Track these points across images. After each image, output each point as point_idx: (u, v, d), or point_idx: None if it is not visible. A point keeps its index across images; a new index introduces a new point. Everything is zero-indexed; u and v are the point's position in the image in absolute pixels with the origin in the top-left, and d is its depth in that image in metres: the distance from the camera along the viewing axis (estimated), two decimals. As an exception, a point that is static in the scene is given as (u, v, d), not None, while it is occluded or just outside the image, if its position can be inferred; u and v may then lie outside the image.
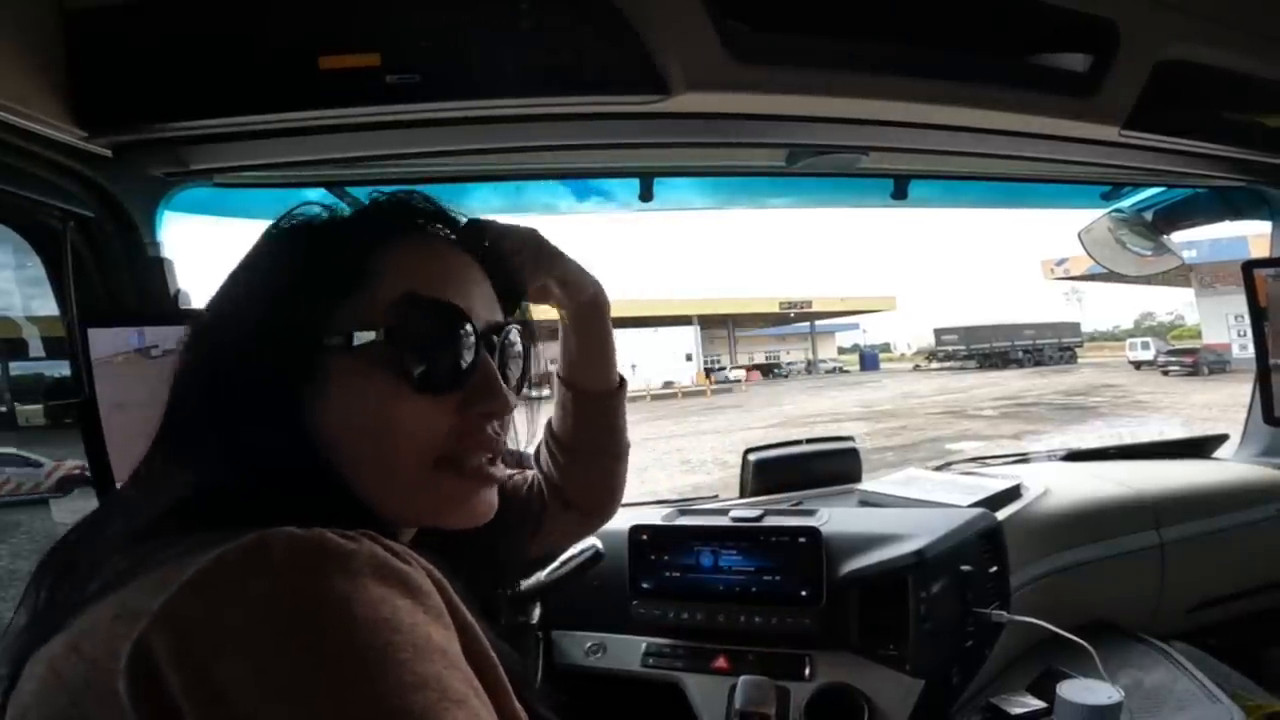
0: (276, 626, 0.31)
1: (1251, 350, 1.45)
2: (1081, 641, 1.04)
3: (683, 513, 1.35)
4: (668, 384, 28.92)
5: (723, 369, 35.87)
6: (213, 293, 0.51)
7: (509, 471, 0.69)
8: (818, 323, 45.01)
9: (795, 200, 1.50)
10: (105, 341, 0.98)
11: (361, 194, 1.25)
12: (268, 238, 0.51)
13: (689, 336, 31.93)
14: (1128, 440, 2.04)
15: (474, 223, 0.58)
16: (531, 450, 0.78)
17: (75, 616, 0.36)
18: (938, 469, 1.68)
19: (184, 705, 0.29)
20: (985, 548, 1.17)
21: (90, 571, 0.39)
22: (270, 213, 1.28)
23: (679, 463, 10.34)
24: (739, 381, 32.97)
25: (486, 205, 1.35)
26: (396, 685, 0.30)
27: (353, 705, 0.29)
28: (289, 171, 1.14)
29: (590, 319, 0.73)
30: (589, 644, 1.25)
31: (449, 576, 0.39)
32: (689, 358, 31.80)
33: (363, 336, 0.45)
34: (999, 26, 1.01)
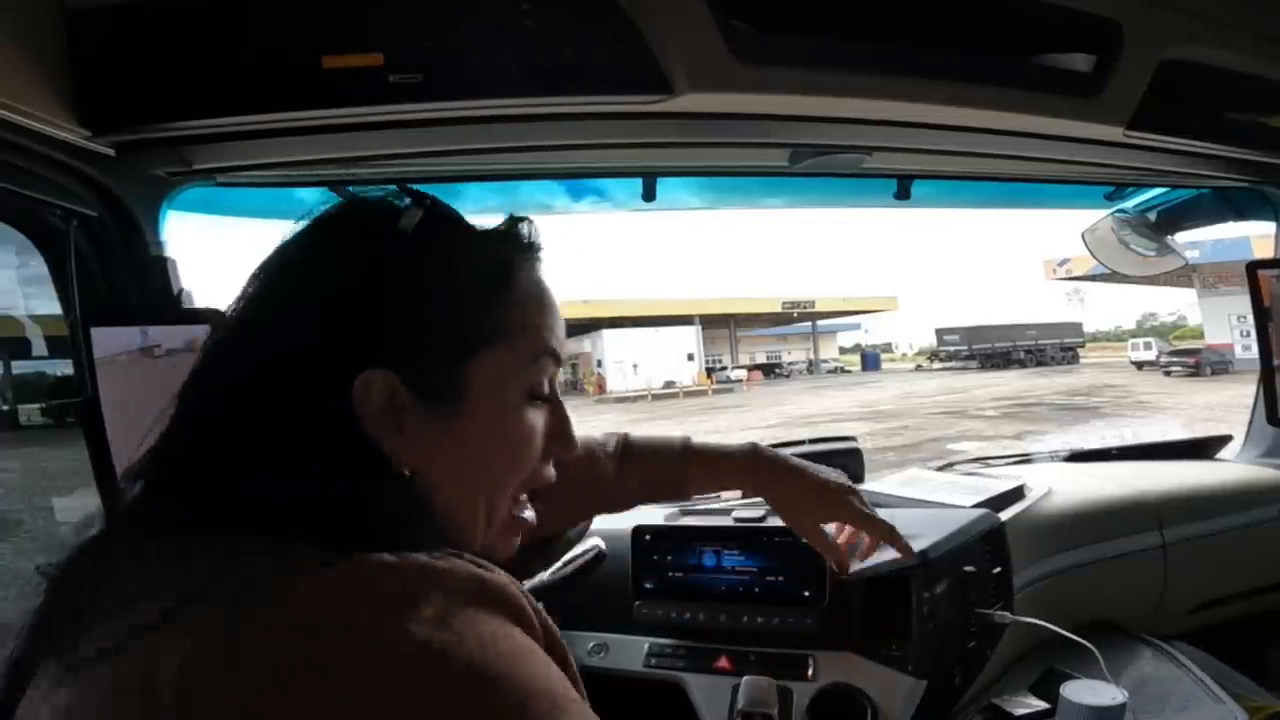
0: (404, 665, 0.31)
1: (1253, 351, 1.44)
2: (1084, 642, 1.04)
3: (685, 512, 1.35)
4: (669, 384, 28.94)
5: (724, 369, 35.88)
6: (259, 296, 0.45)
7: None
8: (819, 323, 45.00)
9: (797, 200, 1.50)
10: (108, 341, 0.98)
11: (365, 193, 1.26)
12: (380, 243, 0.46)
13: (690, 336, 31.94)
14: (1130, 441, 2.04)
15: None
16: None
17: (122, 636, 0.34)
18: (940, 469, 1.67)
19: None
20: (988, 548, 1.17)
21: (125, 584, 0.36)
22: (273, 212, 1.29)
23: (680, 462, 10.29)
24: (740, 381, 32.96)
25: (482, 204, 1.34)
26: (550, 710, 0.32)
27: None
28: (292, 171, 1.14)
29: None
30: (591, 644, 1.25)
31: None
32: (690, 357, 31.81)
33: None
34: (1002, 27, 1.01)
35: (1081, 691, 0.90)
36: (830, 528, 0.87)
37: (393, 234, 0.45)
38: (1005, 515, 1.25)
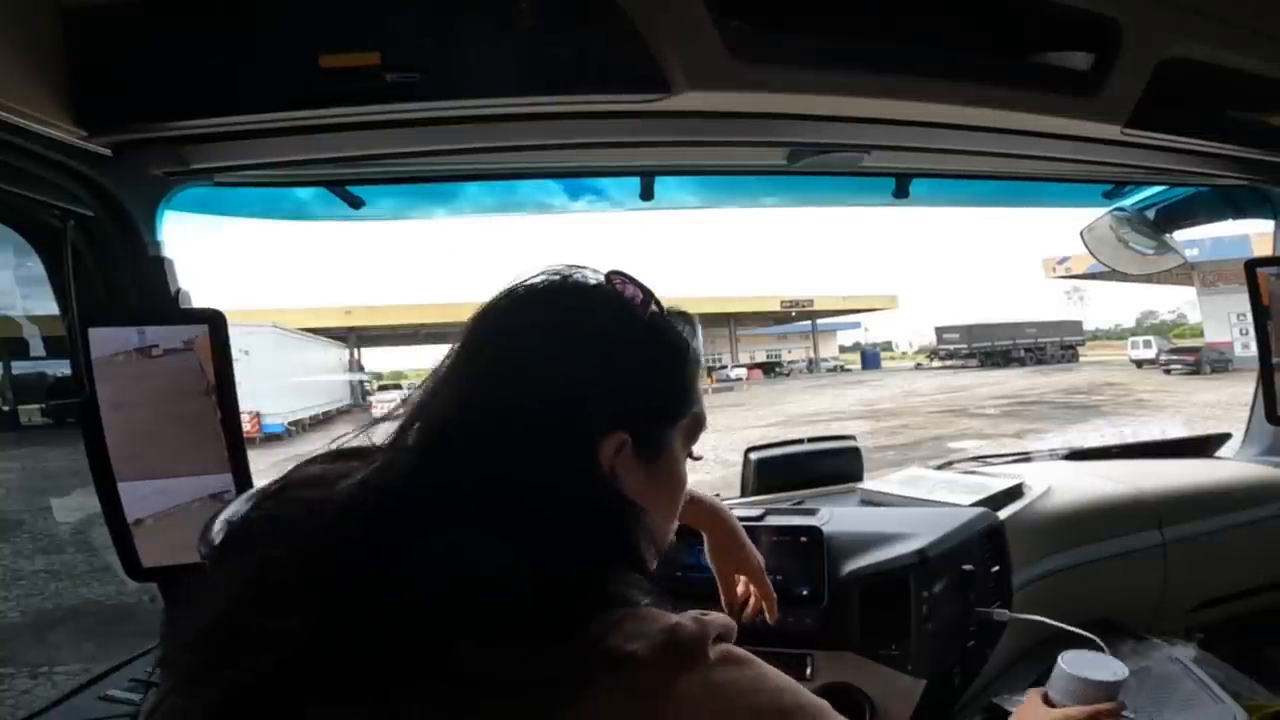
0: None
1: (1253, 349, 1.44)
2: (1088, 634, 1.03)
3: (684, 512, 1.34)
4: (669, 383, 28.79)
5: (724, 368, 35.82)
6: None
7: None
8: (819, 321, 44.93)
9: (796, 199, 1.50)
10: (106, 341, 0.98)
11: (363, 192, 1.26)
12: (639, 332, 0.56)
13: (690, 335, 31.80)
14: (1130, 439, 2.04)
15: None
16: None
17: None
18: (939, 468, 1.67)
19: None
20: (987, 547, 1.17)
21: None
22: (270, 211, 1.29)
23: (680, 461, 10.27)
24: (740, 380, 32.93)
25: (479, 204, 1.34)
26: None
27: None
28: (289, 170, 1.14)
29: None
30: (590, 643, 1.25)
31: None
32: (690, 357, 31.67)
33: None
34: (1001, 25, 1.01)
35: (1080, 663, 0.81)
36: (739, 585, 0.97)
37: (637, 324, 0.55)
38: (1004, 514, 1.25)
